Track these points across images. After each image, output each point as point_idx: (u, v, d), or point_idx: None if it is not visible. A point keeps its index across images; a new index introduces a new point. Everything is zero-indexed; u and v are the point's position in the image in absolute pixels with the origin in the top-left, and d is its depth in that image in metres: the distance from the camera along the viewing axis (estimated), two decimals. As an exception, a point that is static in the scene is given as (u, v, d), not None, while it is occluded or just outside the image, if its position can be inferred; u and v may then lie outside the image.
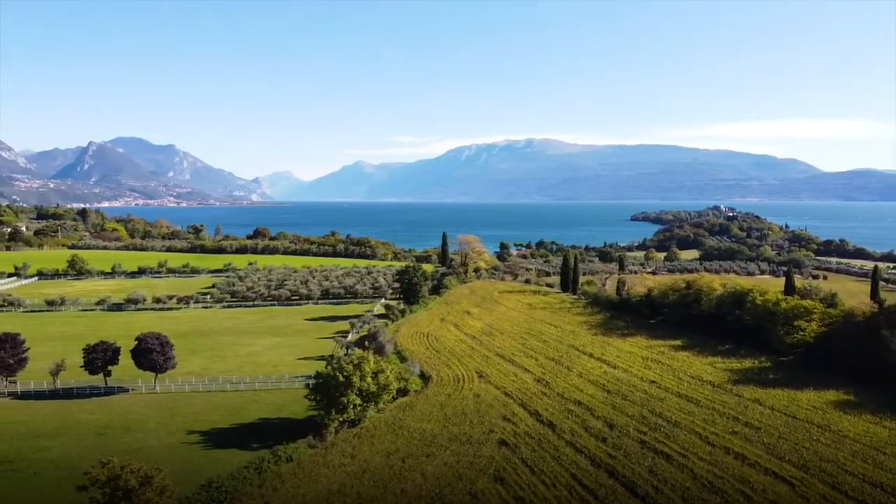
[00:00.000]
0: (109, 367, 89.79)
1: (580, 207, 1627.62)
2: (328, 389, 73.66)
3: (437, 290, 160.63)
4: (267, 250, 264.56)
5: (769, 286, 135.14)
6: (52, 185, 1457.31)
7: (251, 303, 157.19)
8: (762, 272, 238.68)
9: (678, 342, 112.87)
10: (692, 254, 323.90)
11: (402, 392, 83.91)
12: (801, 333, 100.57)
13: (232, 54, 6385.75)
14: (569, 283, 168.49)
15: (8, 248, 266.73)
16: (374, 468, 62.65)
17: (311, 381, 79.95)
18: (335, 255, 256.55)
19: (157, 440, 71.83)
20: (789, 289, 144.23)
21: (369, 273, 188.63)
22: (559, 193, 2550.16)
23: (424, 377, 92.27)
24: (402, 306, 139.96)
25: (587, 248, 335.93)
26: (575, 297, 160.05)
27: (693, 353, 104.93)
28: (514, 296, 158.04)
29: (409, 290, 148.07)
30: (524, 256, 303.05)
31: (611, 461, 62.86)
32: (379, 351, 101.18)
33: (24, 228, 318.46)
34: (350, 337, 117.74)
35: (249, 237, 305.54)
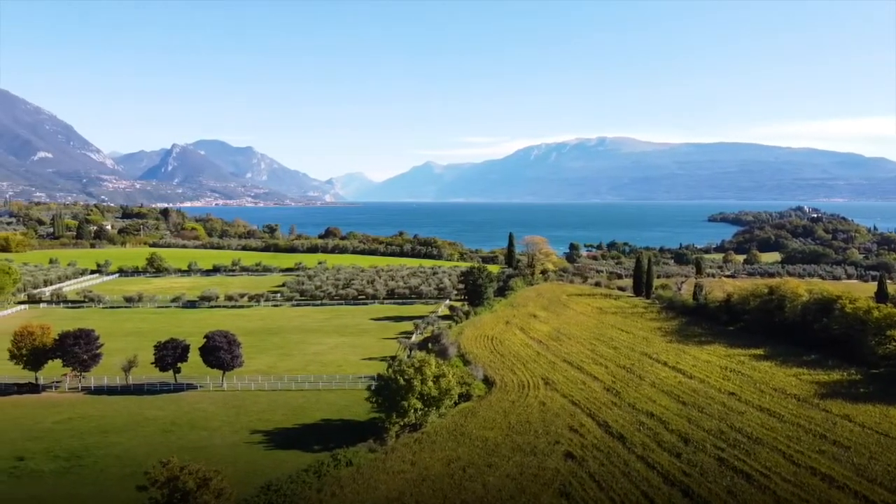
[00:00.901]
0: (179, 365, 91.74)
1: (654, 207, 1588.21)
2: (389, 393, 72.42)
3: (502, 291, 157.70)
4: (337, 249, 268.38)
5: (858, 292, 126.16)
6: (137, 186, 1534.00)
7: (319, 301, 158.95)
8: (849, 277, 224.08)
9: (760, 351, 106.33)
10: (773, 256, 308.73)
11: (465, 397, 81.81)
12: (895, 344, 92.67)
13: (307, 58, 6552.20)
14: (642, 286, 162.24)
15: (92, 246, 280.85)
16: (434, 476, 60.79)
17: (373, 384, 79.09)
18: (402, 254, 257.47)
19: (221, 438, 72.37)
20: (881, 295, 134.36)
21: (434, 273, 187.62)
22: (632, 193, 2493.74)
23: (488, 382, 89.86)
24: (466, 308, 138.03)
25: (661, 250, 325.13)
26: (648, 301, 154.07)
27: (776, 364, 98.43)
28: (583, 299, 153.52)
29: (473, 291, 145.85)
30: (595, 258, 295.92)
31: (685, 479, 58.80)
32: (442, 353, 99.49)
33: (109, 227, 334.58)
34: (414, 338, 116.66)
35: (321, 236, 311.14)
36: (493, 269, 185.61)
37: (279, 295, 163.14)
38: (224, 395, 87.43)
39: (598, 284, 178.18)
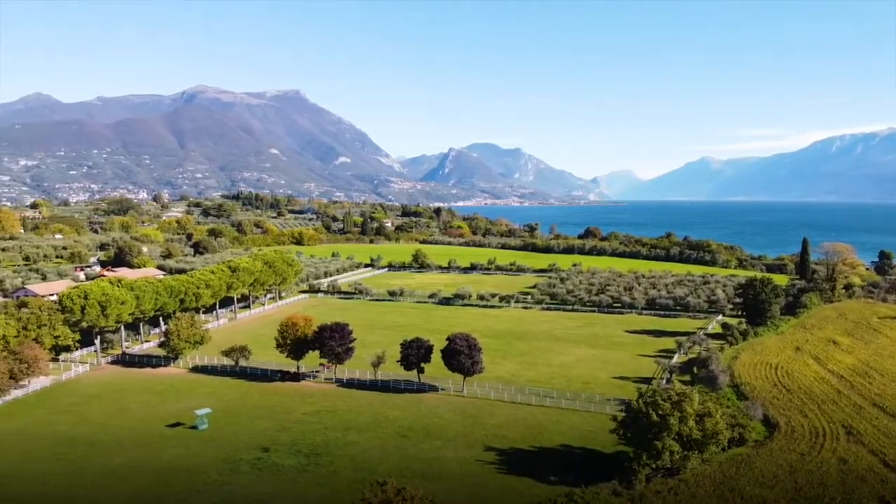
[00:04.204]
0: (422, 365, 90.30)
1: None
2: (639, 428, 61.41)
3: (791, 309, 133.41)
4: (594, 251, 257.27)
5: None
6: (418, 187, 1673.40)
7: (570, 307, 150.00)
8: None
9: None
10: None
11: (737, 440, 66.74)
12: None
13: (572, 59, 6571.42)
14: None
15: (371, 241, 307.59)
16: (692, 543, 48.48)
17: (620, 413, 68.20)
18: (667, 259, 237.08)
19: (453, 451, 68.02)
20: None
21: (705, 283, 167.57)
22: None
23: (769, 424, 73.10)
24: (743, 326, 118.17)
25: None
26: None
27: None
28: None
29: (754, 306, 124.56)
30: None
31: None
32: (710, 381, 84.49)
33: (389, 224, 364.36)
34: (675, 359, 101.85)
35: (579, 237, 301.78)
36: (780, 280, 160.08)
37: (529, 297, 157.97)
38: (462, 402, 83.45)
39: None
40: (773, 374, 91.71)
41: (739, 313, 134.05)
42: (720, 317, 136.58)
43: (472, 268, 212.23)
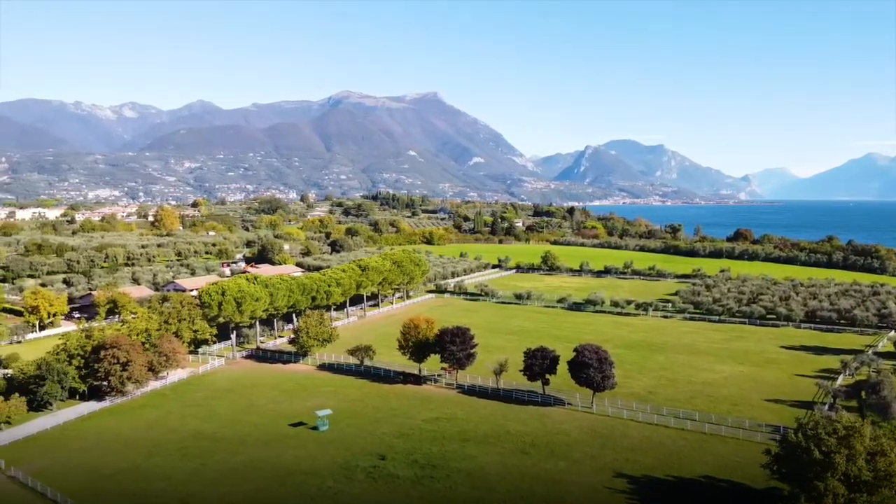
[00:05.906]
0: (547, 376, 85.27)
1: None
2: (797, 466, 52.77)
3: None
4: (745, 255, 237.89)
5: None
6: (552, 186, 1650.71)
7: (716, 317, 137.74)
8: None
9: None
10: None
11: (921, 486, 55.84)
12: None
13: (718, 62, 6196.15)
14: None
15: (500, 242, 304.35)
16: None
17: (774, 444, 59.56)
18: (829, 265, 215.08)
19: (578, 475, 62.76)
20: None
21: (875, 293, 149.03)
22: None
23: (960, 467, 60.78)
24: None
25: None
26: None
27: None
28: None
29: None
30: None
31: None
32: (881, 409, 73.05)
33: (520, 224, 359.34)
34: (840, 380, 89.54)
35: (728, 239, 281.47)
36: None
37: (669, 305, 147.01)
38: (591, 420, 77.52)
39: None
40: (965, 406, 77.44)
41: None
42: (893, 333, 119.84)
43: (606, 271, 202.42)
